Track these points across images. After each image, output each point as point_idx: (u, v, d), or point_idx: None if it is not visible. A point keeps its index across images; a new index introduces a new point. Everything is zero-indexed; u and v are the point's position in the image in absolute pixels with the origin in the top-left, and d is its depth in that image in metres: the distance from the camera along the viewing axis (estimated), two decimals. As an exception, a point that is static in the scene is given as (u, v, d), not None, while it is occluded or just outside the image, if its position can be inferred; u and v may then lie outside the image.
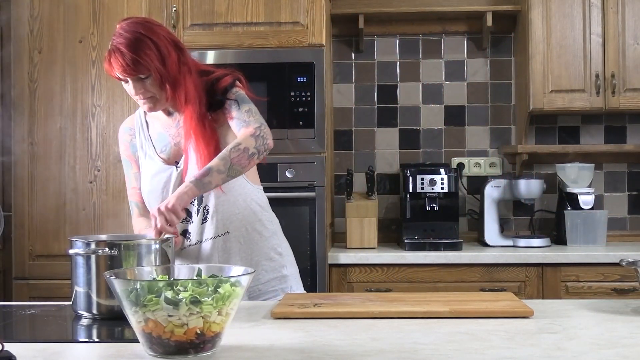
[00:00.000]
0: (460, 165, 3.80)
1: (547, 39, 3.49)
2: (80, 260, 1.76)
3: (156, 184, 2.14)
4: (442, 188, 3.49)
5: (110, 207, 3.30)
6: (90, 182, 3.31)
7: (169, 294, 1.30)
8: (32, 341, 1.52)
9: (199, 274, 1.48)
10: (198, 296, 1.29)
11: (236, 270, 1.46)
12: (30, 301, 3.14)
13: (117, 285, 1.34)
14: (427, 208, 3.51)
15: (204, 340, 1.32)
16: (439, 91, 3.86)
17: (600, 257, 3.22)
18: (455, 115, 3.86)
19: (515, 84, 3.82)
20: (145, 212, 2.19)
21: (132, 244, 1.80)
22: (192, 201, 2.11)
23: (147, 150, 2.18)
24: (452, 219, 3.53)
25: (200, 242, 2.13)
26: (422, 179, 3.49)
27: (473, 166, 3.84)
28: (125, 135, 2.25)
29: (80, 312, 1.77)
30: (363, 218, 3.46)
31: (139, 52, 1.99)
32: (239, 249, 2.15)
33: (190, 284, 1.32)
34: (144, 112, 2.21)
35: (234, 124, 2.07)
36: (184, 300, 1.28)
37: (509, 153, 3.79)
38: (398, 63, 3.87)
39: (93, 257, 1.75)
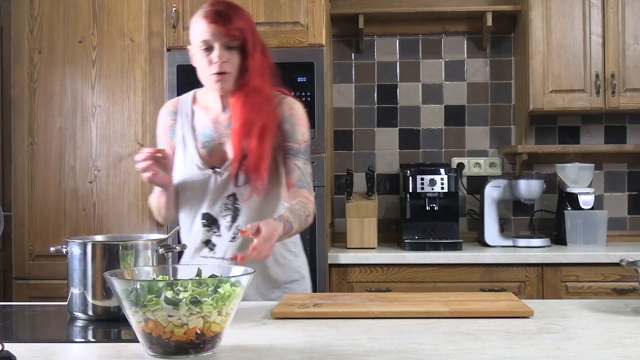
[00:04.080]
0: (460, 165, 3.80)
1: (547, 39, 3.49)
2: (76, 262, 1.75)
3: (194, 185, 2.07)
4: (442, 188, 3.49)
5: (110, 207, 3.30)
6: (90, 182, 3.31)
7: (169, 294, 1.29)
8: (32, 341, 1.52)
9: (198, 274, 1.47)
10: (198, 296, 1.29)
11: (236, 270, 1.46)
12: (30, 301, 3.14)
13: (117, 285, 1.33)
14: (427, 208, 3.51)
15: (204, 340, 1.32)
16: (439, 91, 3.86)
17: (600, 257, 3.22)
18: (455, 115, 3.86)
19: (515, 84, 3.82)
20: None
21: (130, 244, 1.79)
22: (225, 215, 2.06)
23: (187, 143, 2.09)
24: (452, 219, 3.52)
25: (223, 258, 2.06)
26: (422, 179, 3.49)
27: (473, 166, 3.84)
28: (168, 119, 2.15)
29: (75, 313, 1.76)
30: (363, 218, 3.46)
31: (242, 18, 1.99)
32: (262, 271, 2.07)
33: (190, 284, 1.32)
34: (192, 100, 2.13)
35: (296, 172, 2.04)
36: (184, 300, 1.28)
37: (509, 153, 3.79)
38: (398, 63, 3.87)
39: (89, 259, 1.74)
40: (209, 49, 1.98)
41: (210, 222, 2.08)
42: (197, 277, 1.45)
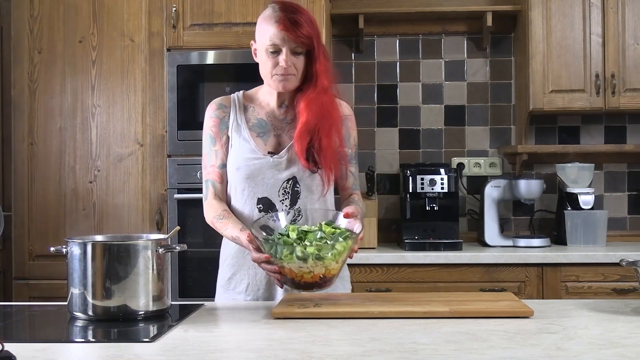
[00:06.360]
0: (460, 165, 3.80)
1: (547, 39, 3.49)
2: (76, 262, 1.75)
3: (250, 169, 2.10)
4: (442, 188, 3.48)
5: (110, 207, 3.30)
6: (90, 182, 3.31)
7: (299, 249, 1.77)
8: (32, 341, 1.52)
9: (320, 229, 1.88)
10: (320, 252, 1.77)
11: (343, 221, 1.94)
12: (30, 301, 3.14)
13: (263, 241, 1.85)
14: (427, 208, 3.51)
15: (324, 281, 1.83)
16: (439, 91, 3.86)
17: (600, 257, 3.22)
18: (455, 115, 3.86)
19: (515, 84, 3.82)
20: (221, 193, 2.13)
21: (130, 244, 1.78)
22: (283, 199, 2.10)
23: (242, 131, 2.13)
24: (452, 219, 3.52)
25: None
26: (422, 179, 3.49)
27: (473, 166, 3.84)
28: (219, 112, 2.16)
29: (75, 313, 1.76)
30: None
31: (310, 25, 2.07)
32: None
33: (314, 240, 1.81)
34: (242, 97, 2.19)
35: (351, 179, 2.20)
36: (311, 256, 1.77)
37: (509, 153, 3.79)
38: (398, 63, 3.87)
39: (89, 259, 1.74)
40: (276, 51, 2.07)
41: (268, 206, 2.09)
42: (320, 232, 1.86)
